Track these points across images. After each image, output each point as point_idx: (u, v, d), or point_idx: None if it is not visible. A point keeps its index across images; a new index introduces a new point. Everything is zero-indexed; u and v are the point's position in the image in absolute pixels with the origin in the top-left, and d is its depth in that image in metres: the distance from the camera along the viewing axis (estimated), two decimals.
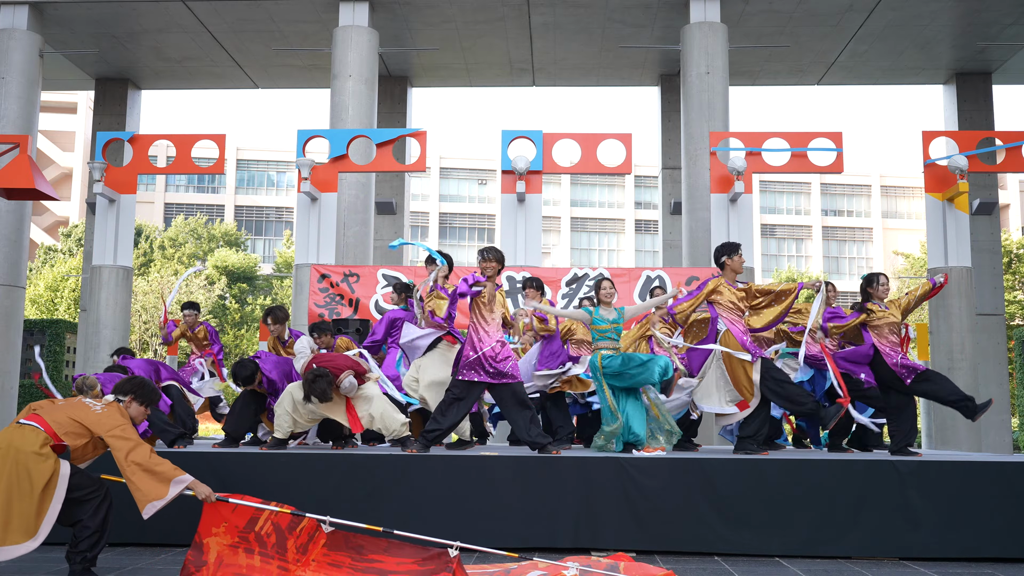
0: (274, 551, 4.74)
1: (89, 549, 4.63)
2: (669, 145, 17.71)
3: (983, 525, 5.77)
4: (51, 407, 4.71)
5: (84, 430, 4.62)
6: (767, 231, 44.65)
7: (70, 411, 4.67)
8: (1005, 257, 27.10)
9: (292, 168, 41.27)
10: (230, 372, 7.00)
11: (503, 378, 6.51)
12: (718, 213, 11.44)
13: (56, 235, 42.25)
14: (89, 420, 4.63)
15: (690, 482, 5.93)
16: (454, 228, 45.74)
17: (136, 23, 15.71)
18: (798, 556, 5.79)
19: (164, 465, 4.60)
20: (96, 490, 4.68)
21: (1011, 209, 44.53)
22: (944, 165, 11.37)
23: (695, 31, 13.85)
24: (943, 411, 12.25)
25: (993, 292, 16.89)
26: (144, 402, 4.93)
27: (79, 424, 4.62)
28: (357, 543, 4.81)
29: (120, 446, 4.56)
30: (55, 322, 18.23)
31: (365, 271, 11.18)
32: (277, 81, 18.57)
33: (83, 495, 4.63)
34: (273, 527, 4.77)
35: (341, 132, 12.01)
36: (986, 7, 14.69)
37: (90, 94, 29.84)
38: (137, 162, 12.25)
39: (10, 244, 14.04)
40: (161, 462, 4.61)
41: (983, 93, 17.37)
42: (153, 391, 5.02)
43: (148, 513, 4.53)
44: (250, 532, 4.73)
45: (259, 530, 4.74)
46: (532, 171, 11.34)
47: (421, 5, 14.84)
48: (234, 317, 31.73)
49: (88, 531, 4.63)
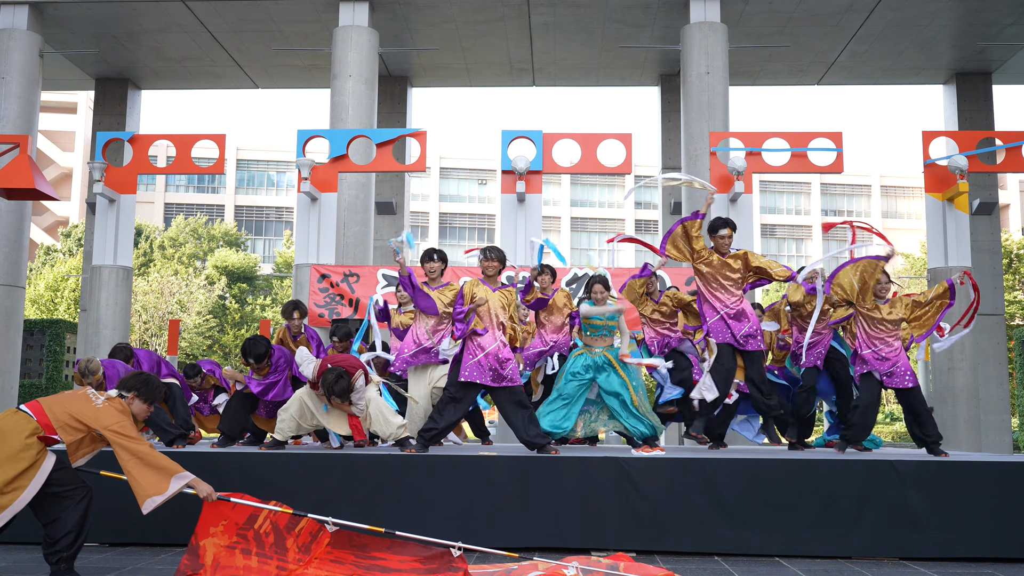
0: (272, 551, 4.73)
1: (66, 548, 4.57)
2: (669, 145, 17.71)
3: (983, 525, 5.77)
4: (55, 399, 4.68)
5: (81, 425, 4.58)
6: (767, 231, 44.68)
7: (70, 405, 4.62)
8: (1005, 257, 27.11)
9: (292, 168, 41.27)
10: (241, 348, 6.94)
11: (503, 381, 6.51)
12: (718, 213, 11.43)
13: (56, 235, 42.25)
14: (88, 416, 4.59)
15: (690, 482, 5.93)
16: (454, 228, 45.76)
17: (136, 23, 15.71)
18: (798, 556, 5.79)
19: (165, 460, 4.57)
20: (77, 488, 4.64)
21: (1011, 209, 44.56)
22: (944, 165, 11.36)
23: (695, 31, 13.85)
24: (943, 411, 12.25)
25: (993, 292, 16.88)
26: (147, 399, 4.85)
27: (76, 419, 4.58)
28: (361, 542, 4.82)
29: (119, 441, 4.53)
30: (55, 322, 18.23)
31: (365, 271, 11.18)
32: (277, 81, 18.57)
33: (64, 491, 4.59)
34: (272, 526, 4.77)
35: (341, 132, 12.01)
36: (986, 7, 14.69)
37: (90, 94, 29.84)
38: (137, 162, 12.25)
39: (10, 244, 14.04)
40: (162, 457, 4.58)
41: (983, 93, 17.37)
42: (157, 388, 4.93)
43: (148, 508, 4.49)
44: (248, 530, 4.72)
45: (258, 528, 4.73)
46: (532, 171, 11.34)
47: (421, 5, 14.84)
48: (234, 317, 31.73)
49: (64, 529, 4.57)
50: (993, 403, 16.36)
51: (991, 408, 16.20)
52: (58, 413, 4.58)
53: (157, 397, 4.95)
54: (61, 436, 4.55)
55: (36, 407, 4.61)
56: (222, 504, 4.71)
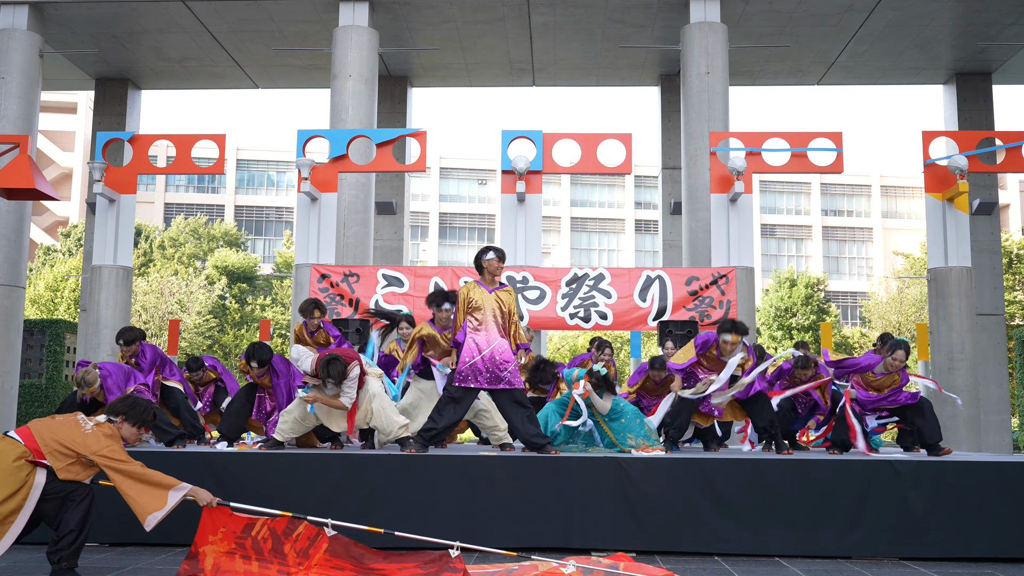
0: (272, 556, 4.75)
1: (68, 547, 4.62)
2: (669, 145, 17.71)
3: (983, 525, 5.77)
4: (45, 424, 4.72)
5: (70, 451, 4.62)
6: (767, 231, 44.66)
7: (59, 431, 4.66)
8: (1005, 257, 27.11)
9: (292, 168, 41.27)
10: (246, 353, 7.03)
11: (500, 383, 6.51)
12: (718, 213, 11.43)
13: (56, 235, 42.26)
14: (76, 442, 4.63)
15: (690, 482, 5.93)
16: (454, 228, 45.75)
17: (136, 23, 15.71)
18: (798, 556, 5.79)
19: (159, 476, 4.63)
20: (77, 489, 4.68)
21: (1011, 209, 44.54)
22: (944, 165, 11.36)
23: (695, 31, 13.84)
24: (943, 412, 12.23)
25: (993, 292, 16.89)
26: (136, 423, 4.88)
27: (64, 446, 4.62)
28: (358, 552, 4.82)
29: (110, 465, 4.58)
30: (55, 322, 18.22)
31: (365, 271, 11.18)
32: (277, 81, 18.57)
33: (63, 495, 4.63)
34: (269, 532, 4.79)
35: (341, 132, 12.01)
36: (986, 7, 14.69)
37: (90, 94, 29.84)
38: (137, 162, 12.25)
39: (10, 244, 14.05)
40: (155, 474, 4.63)
41: (983, 93, 17.37)
42: (145, 411, 4.94)
43: (150, 524, 4.56)
44: (247, 538, 4.74)
45: (255, 535, 4.75)
46: (532, 171, 11.34)
47: (421, 5, 14.84)
48: (234, 317, 31.73)
49: (67, 528, 4.62)
50: (993, 403, 16.36)
51: (991, 408, 16.20)
52: (47, 439, 4.62)
53: (147, 421, 4.96)
54: (51, 461, 4.59)
55: (25, 432, 4.66)
56: (220, 512, 4.75)
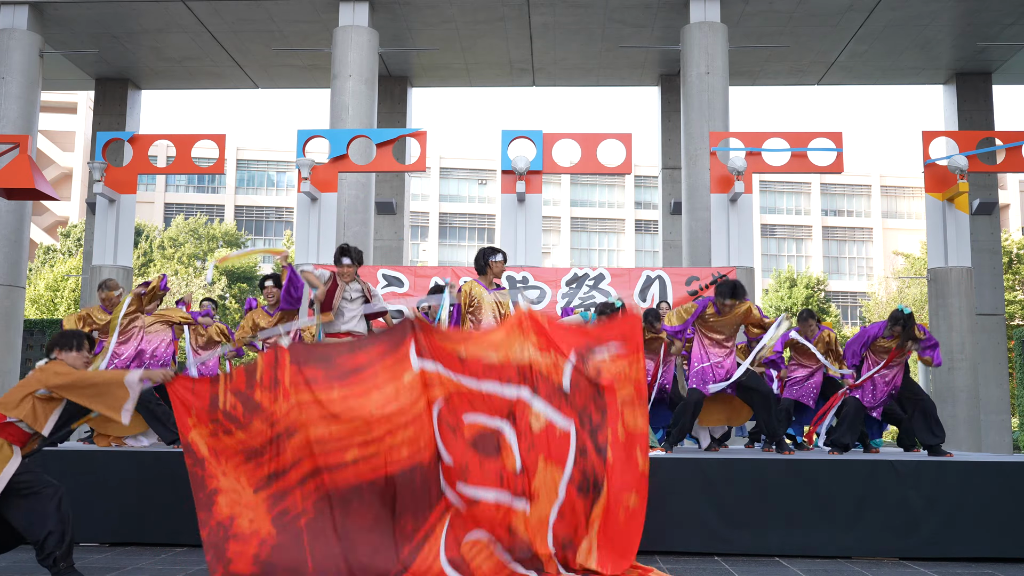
0: (249, 416, 4.70)
1: (56, 547, 4.60)
2: (669, 145, 17.70)
3: (983, 525, 5.77)
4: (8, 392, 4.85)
5: (26, 395, 4.67)
6: (767, 231, 44.64)
7: (13, 389, 4.77)
8: (1005, 257, 27.11)
9: (292, 168, 41.27)
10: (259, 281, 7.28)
11: None
12: (718, 213, 11.43)
13: (56, 235, 42.26)
14: (28, 385, 4.70)
15: (690, 482, 5.93)
16: (454, 228, 45.74)
17: (136, 23, 15.70)
18: (798, 556, 5.79)
19: (106, 374, 4.91)
20: (46, 487, 4.70)
21: (1011, 209, 44.53)
22: (944, 165, 11.36)
23: (695, 31, 13.84)
24: (944, 412, 12.24)
25: (993, 292, 16.88)
26: (69, 347, 4.91)
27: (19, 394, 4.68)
28: (322, 352, 4.84)
29: (62, 384, 4.66)
30: (55, 322, 18.22)
31: (365, 271, 11.17)
32: (277, 81, 18.56)
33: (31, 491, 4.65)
34: (234, 395, 4.73)
35: (341, 132, 12.01)
36: (986, 7, 14.68)
37: (90, 94, 29.81)
38: (137, 162, 12.25)
39: (10, 244, 14.05)
40: (101, 373, 4.92)
41: (983, 93, 17.36)
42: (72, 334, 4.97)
43: (126, 417, 4.64)
44: (217, 411, 4.71)
45: (223, 407, 4.71)
46: (532, 171, 11.33)
47: (421, 5, 14.84)
48: (234, 317, 31.73)
49: (45, 529, 4.60)
50: (993, 403, 16.36)
51: (991, 408, 16.20)
52: (5, 400, 4.70)
53: (79, 340, 4.96)
54: (14, 415, 4.64)
55: None
56: (181, 387, 4.73)
